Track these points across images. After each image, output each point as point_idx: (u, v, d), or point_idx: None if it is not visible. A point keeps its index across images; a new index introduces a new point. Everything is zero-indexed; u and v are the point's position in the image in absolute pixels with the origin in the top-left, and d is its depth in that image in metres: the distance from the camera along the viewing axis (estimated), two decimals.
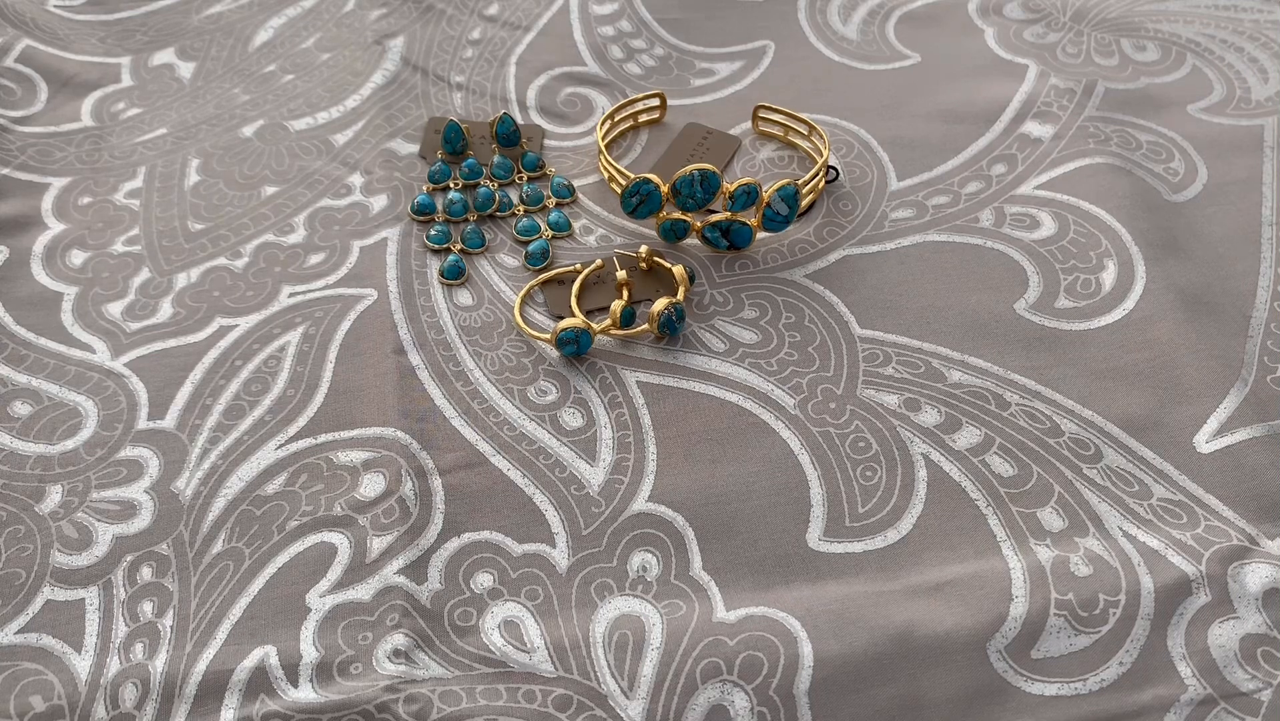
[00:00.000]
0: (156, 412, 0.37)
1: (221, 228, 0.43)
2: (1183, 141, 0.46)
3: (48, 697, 0.31)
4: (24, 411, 0.38)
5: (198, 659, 0.32)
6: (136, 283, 0.42)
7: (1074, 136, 0.46)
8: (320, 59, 0.50)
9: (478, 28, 0.52)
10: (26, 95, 0.48)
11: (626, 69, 0.50)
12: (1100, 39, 0.51)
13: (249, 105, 0.48)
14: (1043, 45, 0.50)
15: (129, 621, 0.33)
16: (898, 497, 0.35)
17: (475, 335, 0.40)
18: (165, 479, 0.36)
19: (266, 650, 0.32)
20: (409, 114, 0.48)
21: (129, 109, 0.48)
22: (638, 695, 0.31)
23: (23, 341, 0.40)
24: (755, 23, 0.52)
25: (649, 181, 0.41)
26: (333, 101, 0.48)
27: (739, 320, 0.40)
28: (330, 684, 0.31)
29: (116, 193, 0.45)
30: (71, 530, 0.35)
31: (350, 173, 0.45)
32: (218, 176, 0.45)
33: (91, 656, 0.32)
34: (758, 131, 0.47)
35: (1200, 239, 0.42)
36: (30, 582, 0.33)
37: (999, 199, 0.44)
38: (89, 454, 0.37)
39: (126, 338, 0.40)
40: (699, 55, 0.51)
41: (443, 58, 0.50)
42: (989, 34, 0.51)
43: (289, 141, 0.47)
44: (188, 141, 0.47)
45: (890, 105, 0.47)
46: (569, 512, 0.35)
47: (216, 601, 0.33)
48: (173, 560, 0.34)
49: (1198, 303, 0.40)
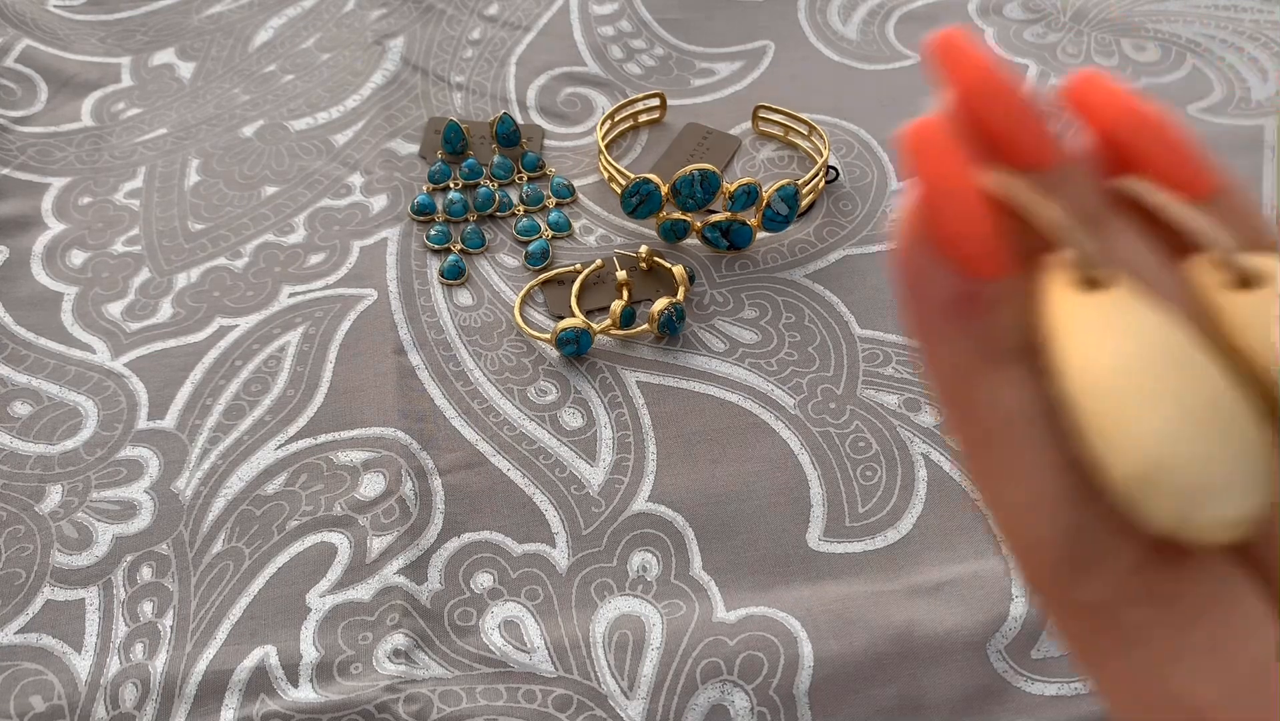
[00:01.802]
0: (156, 413, 0.37)
1: (221, 228, 0.43)
2: None
3: (48, 697, 0.31)
4: (24, 411, 0.38)
5: (198, 659, 0.32)
6: (136, 283, 0.42)
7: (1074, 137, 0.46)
8: (320, 59, 0.50)
9: (478, 28, 0.52)
10: (26, 95, 0.48)
11: (626, 69, 0.50)
12: (1100, 39, 0.51)
13: (249, 105, 0.48)
14: (1043, 45, 0.50)
15: (129, 621, 0.33)
16: (898, 498, 0.35)
17: (475, 335, 0.40)
18: (165, 479, 0.36)
19: (266, 650, 0.32)
20: (409, 114, 0.48)
21: (129, 109, 0.48)
22: (638, 695, 0.31)
23: (23, 341, 0.40)
24: (755, 23, 0.52)
25: (649, 181, 0.41)
26: (333, 101, 0.48)
27: (739, 320, 0.40)
28: (330, 684, 0.31)
29: (116, 193, 0.45)
30: (71, 530, 0.35)
31: (350, 173, 0.45)
32: (218, 176, 0.45)
33: (91, 656, 0.32)
34: (758, 131, 0.47)
35: None
36: (30, 582, 0.33)
37: None
38: (89, 454, 0.36)
39: (126, 338, 0.40)
40: (699, 55, 0.51)
41: (443, 58, 0.50)
42: (989, 34, 0.51)
43: (289, 141, 0.47)
44: (188, 141, 0.47)
45: (890, 105, 0.47)
46: (569, 512, 0.35)
47: (216, 601, 0.33)
48: (173, 560, 0.34)
49: None
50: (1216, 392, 0.11)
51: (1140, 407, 0.11)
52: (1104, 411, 0.11)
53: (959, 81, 0.13)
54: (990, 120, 0.13)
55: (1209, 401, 0.11)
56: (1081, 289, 0.12)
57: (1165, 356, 0.11)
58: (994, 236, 0.12)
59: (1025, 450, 0.12)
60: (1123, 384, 0.11)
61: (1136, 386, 0.11)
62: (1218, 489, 0.11)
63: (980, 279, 0.12)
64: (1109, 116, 0.13)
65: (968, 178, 0.12)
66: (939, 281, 0.12)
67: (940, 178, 0.12)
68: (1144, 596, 0.11)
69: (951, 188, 0.12)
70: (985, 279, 0.12)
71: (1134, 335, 0.11)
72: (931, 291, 0.12)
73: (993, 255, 0.12)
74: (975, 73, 0.13)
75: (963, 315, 0.12)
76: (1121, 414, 0.11)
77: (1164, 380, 0.11)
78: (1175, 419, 0.11)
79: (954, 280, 0.12)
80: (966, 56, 0.13)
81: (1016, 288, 0.12)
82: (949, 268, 0.12)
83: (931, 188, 0.12)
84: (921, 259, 0.12)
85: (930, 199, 0.12)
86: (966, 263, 0.12)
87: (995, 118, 0.13)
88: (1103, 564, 0.12)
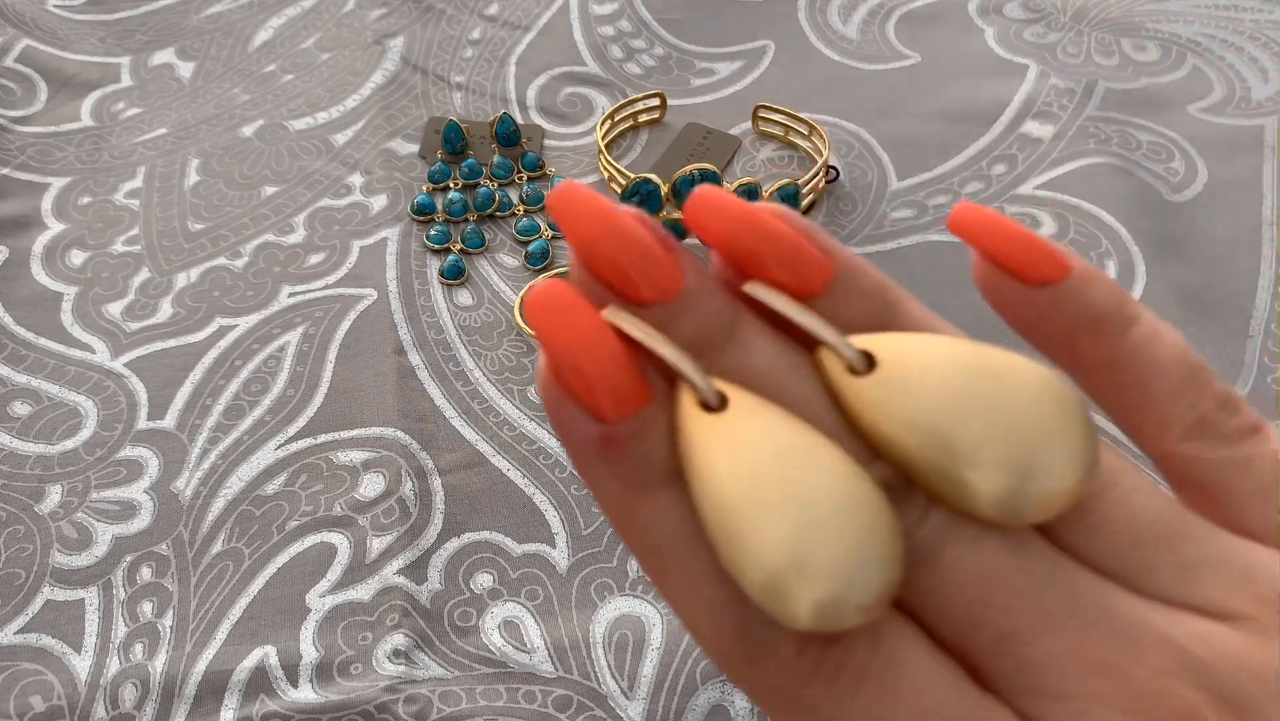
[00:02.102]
0: (156, 412, 0.37)
1: (221, 228, 0.43)
2: (1183, 141, 0.46)
3: (47, 698, 0.31)
4: (24, 411, 0.38)
5: (197, 659, 0.32)
6: (136, 282, 0.42)
7: (1074, 136, 0.46)
8: (320, 59, 0.50)
9: (478, 27, 0.52)
10: (26, 95, 0.48)
11: (626, 69, 0.50)
12: (1100, 39, 0.51)
13: (249, 105, 0.48)
14: (1043, 45, 0.50)
15: (129, 621, 0.33)
16: None
17: (475, 335, 0.40)
18: (165, 479, 0.36)
19: (266, 650, 0.32)
20: (409, 114, 0.48)
21: (129, 109, 0.48)
22: (638, 695, 0.31)
23: (23, 341, 0.40)
24: (755, 23, 0.52)
25: (649, 181, 0.41)
26: (332, 101, 0.48)
27: None
28: (330, 684, 0.31)
29: (116, 193, 0.45)
30: (71, 530, 0.35)
31: (350, 172, 0.45)
32: (217, 176, 0.45)
33: (91, 656, 0.32)
34: (758, 131, 0.47)
35: (1200, 239, 0.42)
36: (30, 582, 0.33)
37: (999, 199, 0.44)
38: (89, 454, 0.36)
39: (126, 337, 0.40)
40: (699, 55, 0.51)
41: (443, 57, 0.50)
42: (989, 34, 0.51)
43: (289, 141, 0.46)
44: (188, 141, 0.47)
45: (890, 105, 0.47)
46: (569, 512, 0.35)
47: (216, 601, 0.33)
48: (172, 560, 0.34)
49: (1198, 303, 0.40)
50: (836, 489, 0.12)
51: (760, 519, 0.12)
52: (729, 526, 0.12)
53: (576, 234, 0.14)
54: (610, 264, 0.14)
55: (829, 500, 0.12)
56: (704, 410, 0.13)
57: (781, 464, 0.12)
58: (622, 378, 0.13)
59: (687, 566, 0.13)
60: (742, 498, 0.12)
61: (755, 499, 0.12)
62: (846, 582, 0.11)
63: (617, 420, 0.13)
64: (724, 229, 0.14)
65: (589, 331, 0.13)
66: (581, 424, 0.13)
67: (562, 338, 0.13)
68: (812, 676, 0.12)
69: (573, 343, 0.13)
70: (620, 419, 0.13)
71: (749, 450, 0.12)
72: (577, 434, 0.13)
73: (622, 396, 0.13)
74: (591, 223, 0.13)
75: (606, 454, 0.13)
76: (743, 527, 0.12)
77: (781, 488, 0.12)
78: (795, 525, 0.12)
79: (592, 423, 0.13)
80: (582, 207, 0.14)
81: (657, 415, 0.13)
82: (586, 412, 0.13)
83: (555, 348, 0.13)
84: (561, 406, 0.13)
85: (555, 357, 0.13)
86: (598, 408, 0.13)
87: (615, 262, 0.13)
88: (770, 655, 0.13)
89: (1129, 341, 0.15)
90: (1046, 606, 0.12)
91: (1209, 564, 0.13)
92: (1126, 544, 0.13)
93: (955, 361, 0.13)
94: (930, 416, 0.13)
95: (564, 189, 0.14)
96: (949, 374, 0.13)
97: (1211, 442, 0.14)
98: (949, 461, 0.12)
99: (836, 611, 0.11)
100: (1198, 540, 0.13)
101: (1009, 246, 0.15)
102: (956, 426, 0.12)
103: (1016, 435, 0.12)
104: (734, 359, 0.14)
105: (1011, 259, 0.15)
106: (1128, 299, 0.15)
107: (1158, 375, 0.15)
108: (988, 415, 0.12)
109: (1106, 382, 0.15)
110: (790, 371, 0.14)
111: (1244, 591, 0.12)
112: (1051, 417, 0.12)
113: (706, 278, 0.14)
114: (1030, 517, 0.12)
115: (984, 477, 0.12)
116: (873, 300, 0.15)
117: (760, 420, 0.13)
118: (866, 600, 0.11)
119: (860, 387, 0.13)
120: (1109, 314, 0.15)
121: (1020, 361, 0.13)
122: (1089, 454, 0.12)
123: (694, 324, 0.14)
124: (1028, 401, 0.13)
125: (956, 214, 0.15)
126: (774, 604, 0.12)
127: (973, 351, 0.13)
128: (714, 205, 0.14)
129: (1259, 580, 0.13)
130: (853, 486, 0.12)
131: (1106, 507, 0.13)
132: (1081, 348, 0.15)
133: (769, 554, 0.12)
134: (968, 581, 0.12)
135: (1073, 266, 0.15)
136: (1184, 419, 0.15)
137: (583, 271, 0.14)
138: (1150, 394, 0.15)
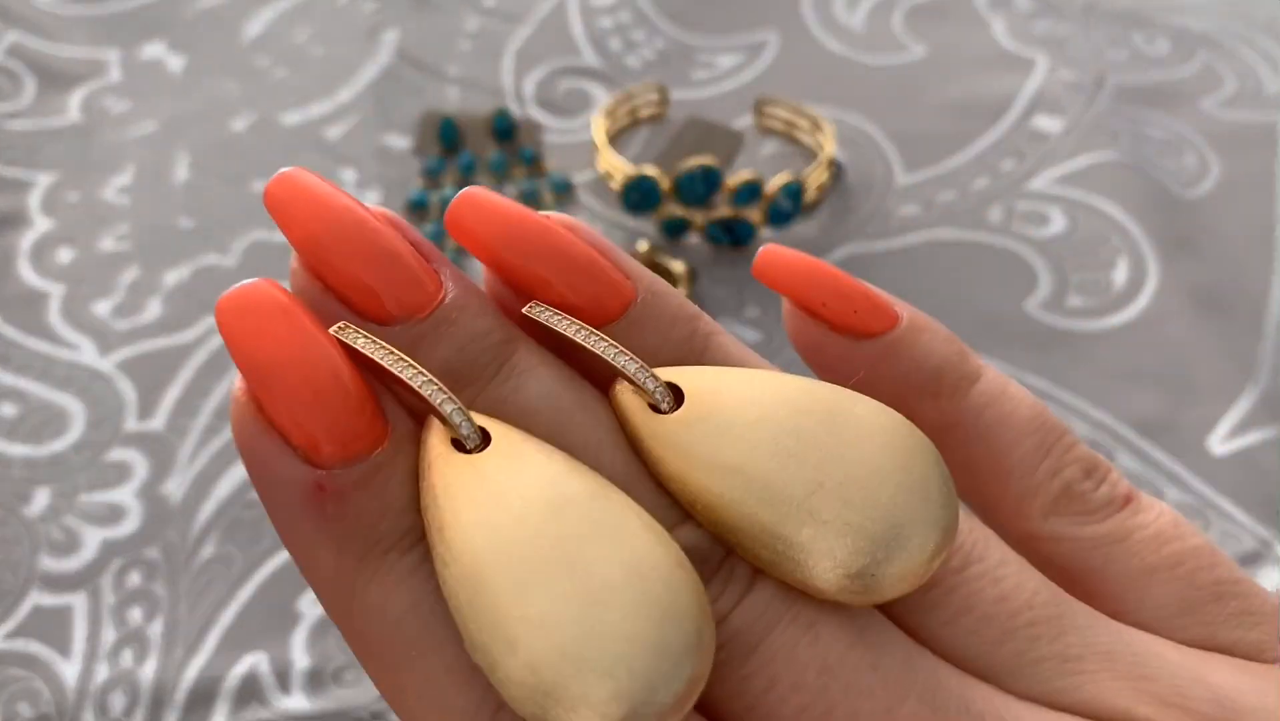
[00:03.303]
0: (145, 414, 0.37)
1: (212, 224, 0.43)
2: (1195, 136, 0.45)
3: (35, 705, 0.31)
4: (10, 413, 0.37)
5: (187, 666, 0.31)
6: (125, 281, 0.41)
7: (1084, 131, 0.45)
8: (313, 52, 0.49)
9: (473, 20, 0.51)
10: (13, 90, 0.48)
11: (626, 62, 0.49)
12: (1111, 32, 0.50)
13: (240, 99, 0.47)
14: (1053, 38, 0.49)
15: (117, 627, 0.32)
16: None
17: None
18: (154, 482, 0.35)
19: (258, 657, 0.31)
20: (403, 108, 0.47)
21: (118, 103, 0.47)
22: None
23: (9, 341, 0.39)
24: (758, 15, 0.51)
25: (649, 177, 0.40)
26: (325, 95, 0.47)
27: (741, 319, 0.40)
28: (323, 691, 0.31)
29: (105, 189, 0.44)
30: (59, 534, 0.34)
31: (343, 167, 0.45)
32: (208, 172, 0.45)
33: (80, 663, 0.31)
34: (760, 126, 0.46)
35: (1213, 236, 0.42)
36: (18, 587, 0.33)
37: (1008, 195, 0.43)
38: (76, 456, 0.36)
39: (115, 337, 0.39)
40: (700, 48, 0.50)
41: (438, 51, 0.49)
42: (998, 26, 0.50)
43: (281, 136, 0.46)
44: (178, 136, 0.46)
45: (897, 99, 0.47)
46: None
47: (206, 607, 0.32)
48: (162, 565, 0.33)
49: (1210, 301, 0.39)
50: (626, 555, 0.09)
51: (523, 595, 0.09)
52: (482, 605, 0.09)
53: (296, 232, 0.11)
54: (343, 271, 0.11)
55: (616, 570, 0.09)
56: (458, 452, 0.10)
57: (555, 520, 0.09)
58: (348, 409, 0.10)
59: (426, 662, 0.10)
60: (500, 567, 0.09)
61: (517, 568, 0.09)
62: (639, 681, 0.09)
63: (336, 463, 0.10)
64: (492, 235, 0.11)
65: (305, 347, 0.10)
66: (286, 467, 0.10)
67: (265, 353, 0.10)
68: None
69: (281, 361, 0.10)
70: (342, 462, 0.10)
71: (513, 501, 0.10)
72: (280, 480, 0.10)
73: (346, 432, 0.10)
74: (315, 220, 0.11)
75: (319, 508, 0.10)
76: (500, 605, 0.09)
77: (553, 553, 0.09)
78: (570, 604, 0.09)
79: (302, 466, 0.10)
80: (303, 200, 0.11)
81: (394, 459, 0.10)
82: (296, 454, 0.10)
83: (256, 366, 0.10)
84: (260, 443, 0.10)
85: (256, 378, 0.10)
86: (312, 447, 0.10)
87: (349, 267, 0.11)
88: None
89: (972, 400, 0.13)
90: (903, 714, 0.10)
91: (1095, 655, 0.11)
92: (997, 634, 0.11)
93: (781, 398, 0.10)
94: (751, 462, 0.10)
95: (281, 178, 0.11)
96: (775, 413, 0.10)
97: (1079, 519, 0.12)
98: (774, 518, 0.10)
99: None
100: (1082, 627, 0.11)
101: (823, 294, 0.13)
102: (783, 473, 0.10)
103: (858, 488, 0.10)
104: (503, 391, 0.11)
105: (828, 307, 0.13)
106: (967, 352, 0.13)
107: (1008, 439, 0.13)
108: (822, 464, 0.10)
109: (950, 451, 0.12)
110: (576, 409, 0.11)
111: (1137, 688, 0.10)
112: (900, 470, 0.10)
113: (474, 295, 0.12)
114: (878, 595, 0.10)
115: (818, 539, 0.10)
116: (681, 329, 0.12)
117: (530, 464, 0.10)
118: (666, 702, 0.09)
119: (664, 428, 0.10)
120: (946, 369, 0.13)
121: (863, 401, 0.11)
122: (947, 516, 0.10)
123: (453, 347, 0.11)
124: (873, 449, 0.10)
125: (763, 259, 0.13)
126: (542, 713, 0.09)
127: (804, 388, 0.11)
128: (480, 207, 0.11)
129: (1155, 676, 0.10)
130: (648, 552, 0.09)
131: (970, 588, 0.11)
132: (918, 409, 0.13)
133: (535, 643, 0.09)
134: (804, 679, 0.10)
135: (901, 315, 0.13)
136: (1045, 491, 0.12)
137: (306, 277, 0.11)
138: (1002, 463, 0.12)
